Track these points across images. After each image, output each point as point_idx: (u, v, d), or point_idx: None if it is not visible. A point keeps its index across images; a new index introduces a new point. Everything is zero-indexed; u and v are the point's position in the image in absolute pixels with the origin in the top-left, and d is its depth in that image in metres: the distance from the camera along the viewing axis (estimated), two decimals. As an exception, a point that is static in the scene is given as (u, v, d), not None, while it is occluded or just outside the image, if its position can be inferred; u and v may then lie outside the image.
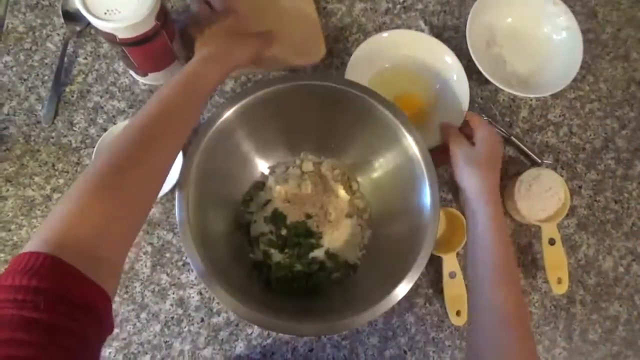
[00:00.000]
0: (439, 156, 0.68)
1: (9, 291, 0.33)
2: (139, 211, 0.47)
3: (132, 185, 0.44)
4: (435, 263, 0.71)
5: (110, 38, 0.61)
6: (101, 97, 0.75)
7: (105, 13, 0.58)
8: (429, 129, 0.72)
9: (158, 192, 0.50)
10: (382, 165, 0.69)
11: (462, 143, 0.65)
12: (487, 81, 0.74)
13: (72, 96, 0.75)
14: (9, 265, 0.35)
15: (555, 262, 0.71)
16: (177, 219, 0.56)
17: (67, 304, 0.34)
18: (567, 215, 0.74)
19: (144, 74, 0.72)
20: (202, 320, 0.68)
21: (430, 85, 0.77)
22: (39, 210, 0.70)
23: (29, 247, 0.36)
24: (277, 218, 0.69)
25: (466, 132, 0.68)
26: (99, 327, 0.37)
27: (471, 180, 0.62)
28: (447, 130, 0.69)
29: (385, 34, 0.75)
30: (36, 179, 0.71)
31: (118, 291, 0.68)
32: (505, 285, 0.55)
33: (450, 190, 0.76)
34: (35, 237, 0.37)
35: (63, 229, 0.37)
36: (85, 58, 0.76)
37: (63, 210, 0.39)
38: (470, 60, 0.73)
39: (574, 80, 0.76)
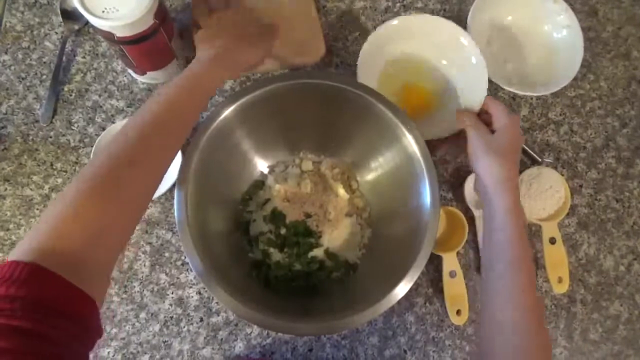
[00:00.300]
0: (455, 143, 0.67)
1: None
2: (133, 214, 0.46)
3: (128, 188, 0.44)
4: (435, 262, 0.71)
5: (109, 36, 0.61)
6: (100, 96, 0.75)
7: (103, 11, 0.58)
8: (445, 117, 0.70)
9: (153, 194, 0.50)
10: (381, 164, 0.69)
11: (481, 130, 0.62)
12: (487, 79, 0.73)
13: (71, 95, 0.74)
14: None
15: (556, 261, 0.71)
16: (176, 218, 0.56)
17: (47, 311, 0.33)
18: (568, 214, 0.73)
19: (143, 73, 0.72)
20: (201, 319, 0.68)
21: (446, 71, 0.75)
22: (37, 209, 0.70)
23: (14, 255, 0.35)
24: (277, 217, 0.69)
25: (484, 119, 0.66)
26: (84, 333, 0.36)
27: (489, 169, 0.59)
28: (464, 116, 0.65)
29: (394, 22, 0.72)
30: (34, 178, 0.71)
31: (117, 291, 0.68)
32: (521, 277, 0.53)
33: (450, 188, 0.75)
34: (24, 242, 0.36)
35: (53, 234, 0.37)
36: (84, 57, 0.76)
37: (55, 213, 0.38)
38: (470, 58, 0.73)
39: (575, 78, 0.76)
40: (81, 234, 0.38)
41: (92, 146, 0.71)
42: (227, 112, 0.60)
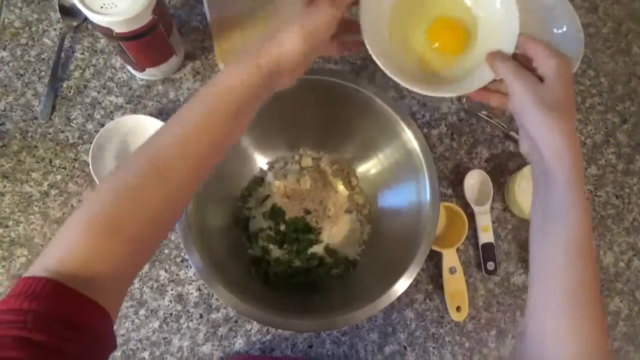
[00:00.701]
0: (485, 97, 0.51)
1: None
2: (146, 252, 0.42)
3: (132, 226, 0.39)
4: (435, 258, 0.71)
5: (107, 32, 0.60)
6: (98, 92, 0.75)
7: (102, 7, 0.58)
8: (474, 63, 0.53)
9: (170, 225, 0.44)
10: (381, 160, 0.69)
11: (527, 78, 0.46)
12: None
13: (69, 92, 0.74)
14: (9, 292, 0.35)
15: (556, 257, 0.71)
16: (175, 215, 0.56)
17: (59, 323, 0.33)
18: (568, 210, 0.73)
19: (142, 69, 0.72)
20: (201, 316, 0.68)
21: (468, 8, 0.56)
22: (36, 206, 0.70)
23: (28, 272, 0.35)
24: (276, 213, 0.69)
25: (521, 62, 0.50)
26: (97, 345, 0.36)
27: (545, 128, 0.44)
28: (500, 61, 0.48)
29: None
30: (33, 175, 0.71)
31: (116, 288, 0.68)
32: (583, 269, 0.43)
33: (450, 185, 0.75)
34: (39, 260, 0.36)
35: (67, 255, 0.36)
36: (82, 53, 0.76)
37: (64, 243, 0.37)
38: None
39: (575, 74, 0.76)
40: (91, 267, 0.36)
41: (91, 143, 0.70)
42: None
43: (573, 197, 0.43)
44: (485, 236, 0.71)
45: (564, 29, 0.78)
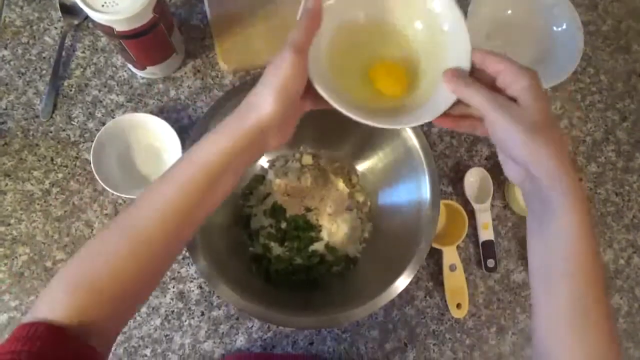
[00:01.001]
0: (452, 124, 0.46)
1: None
2: (129, 309, 0.44)
3: (120, 293, 0.41)
4: (435, 256, 0.71)
5: (108, 31, 0.61)
6: (99, 91, 0.75)
7: (103, 5, 0.58)
8: (427, 92, 0.47)
9: (153, 290, 0.48)
10: (381, 158, 0.69)
11: (499, 100, 0.41)
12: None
13: (71, 90, 0.74)
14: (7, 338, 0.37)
15: (556, 254, 0.71)
16: (176, 213, 0.56)
17: None
18: (568, 207, 0.73)
19: (142, 68, 0.72)
20: (203, 313, 0.68)
21: (410, 28, 0.49)
22: (38, 204, 0.70)
23: (25, 319, 0.37)
24: (277, 211, 0.69)
25: (481, 79, 0.44)
26: None
27: (535, 154, 0.41)
28: (462, 83, 0.43)
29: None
30: (35, 173, 0.71)
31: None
32: (589, 292, 0.41)
33: (450, 182, 0.75)
34: (30, 313, 0.38)
35: (54, 310, 0.38)
36: (83, 52, 0.76)
37: (52, 294, 0.39)
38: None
39: (575, 72, 0.76)
40: (85, 308, 0.39)
41: (92, 141, 0.70)
42: (227, 107, 0.60)
43: (571, 217, 0.41)
44: (486, 234, 0.71)
45: (564, 26, 0.79)
